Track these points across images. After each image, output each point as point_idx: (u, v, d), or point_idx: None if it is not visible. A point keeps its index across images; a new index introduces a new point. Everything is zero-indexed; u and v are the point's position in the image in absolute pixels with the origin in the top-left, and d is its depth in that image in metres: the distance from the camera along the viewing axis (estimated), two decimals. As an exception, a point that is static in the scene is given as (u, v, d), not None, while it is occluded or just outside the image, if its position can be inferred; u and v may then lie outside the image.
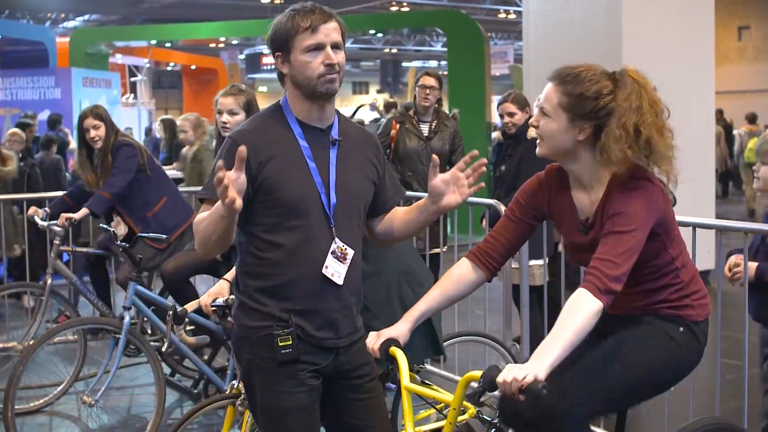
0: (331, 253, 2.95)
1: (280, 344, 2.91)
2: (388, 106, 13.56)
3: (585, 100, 2.91)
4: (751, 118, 18.74)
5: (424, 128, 7.09)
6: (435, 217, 3.15)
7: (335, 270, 2.96)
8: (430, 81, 7.03)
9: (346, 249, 2.98)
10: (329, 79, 2.91)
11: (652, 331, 3.04)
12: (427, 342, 4.13)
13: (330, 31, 2.91)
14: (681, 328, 3.04)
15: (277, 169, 2.90)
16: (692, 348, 3.08)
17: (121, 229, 5.87)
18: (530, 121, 3.05)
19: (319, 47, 2.89)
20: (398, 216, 3.20)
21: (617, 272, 2.75)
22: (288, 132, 2.97)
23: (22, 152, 9.47)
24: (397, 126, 7.06)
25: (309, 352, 2.95)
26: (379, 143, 3.25)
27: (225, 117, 4.93)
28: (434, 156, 3.01)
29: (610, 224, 2.83)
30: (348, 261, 2.98)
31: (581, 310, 2.71)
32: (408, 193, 6.42)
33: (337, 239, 2.96)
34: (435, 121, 7.11)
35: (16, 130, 9.89)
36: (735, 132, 19.47)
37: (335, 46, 2.93)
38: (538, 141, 3.04)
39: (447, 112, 7.56)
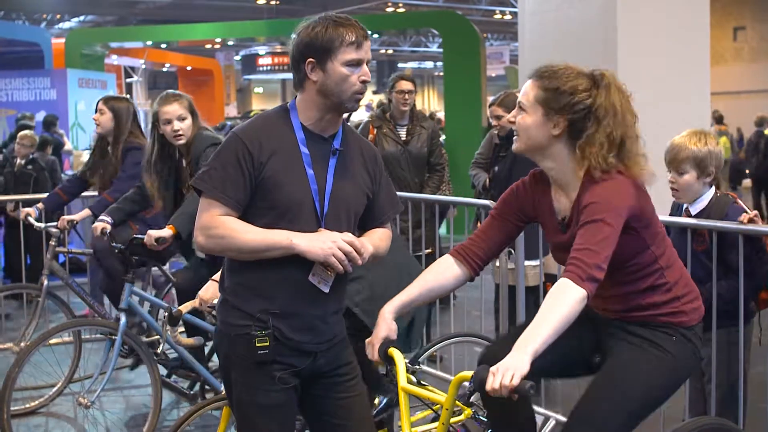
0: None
1: (257, 345, 2.94)
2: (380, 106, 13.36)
3: (560, 95, 2.94)
4: (719, 119, 19.11)
5: (402, 132, 7.06)
6: None
7: (322, 278, 2.98)
8: (408, 85, 7.00)
9: None
10: (359, 98, 2.97)
11: (647, 354, 3.04)
12: (402, 335, 4.12)
13: (368, 49, 2.97)
14: (674, 338, 3.04)
15: (275, 171, 2.92)
16: (688, 354, 3.09)
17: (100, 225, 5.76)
18: (508, 117, 3.09)
19: (359, 63, 2.93)
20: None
21: (597, 259, 2.75)
22: (291, 136, 2.98)
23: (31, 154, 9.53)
24: (374, 130, 7.02)
25: (286, 354, 2.97)
26: (379, 156, 3.26)
27: (176, 124, 4.96)
28: None
29: (584, 215, 2.85)
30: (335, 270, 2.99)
31: (565, 298, 2.70)
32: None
33: None
34: (411, 124, 7.08)
35: (28, 132, 9.86)
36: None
37: (367, 63, 2.99)
38: (515, 137, 3.07)
39: (424, 112, 7.51)
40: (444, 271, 3.20)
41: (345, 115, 3.12)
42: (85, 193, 6.75)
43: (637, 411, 3.04)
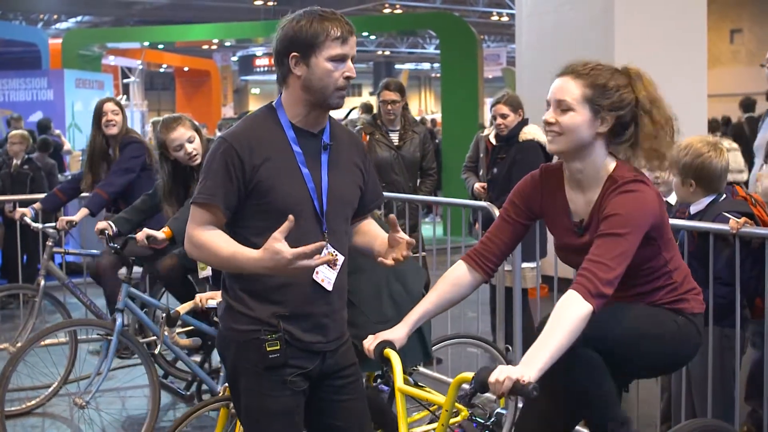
0: None
1: (268, 349, 2.89)
2: (365, 109, 13.06)
3: (608, 91, 2.93)
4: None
5: (394, 137, 7.07)
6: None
7: (326, 276, 2.95)
8: (392, 95, 6.97)
9: (336, 255, 2.97)
10: (342, 95, 2.92)
11: (655, 309, 3.04)
12: (417, 346, 4.12)
13: (353, 44, 2.92)
14: (679, 316, 3.05)
15: (270, 173, 2.88)
16: (690, 336, 3.07)
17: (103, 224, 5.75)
18: (547, 118, 3.01)
19: (343, 59, 2.88)
20: (363, 233, 3.16)
21: (610, 276, 2.74)
22: (281, 136, 2.94)
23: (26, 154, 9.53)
24: (367, 137, 7.02)
25: (296, 356, 2.94)
26: (365, 147, 3.25)
27: (189, 147, 4.99)
28: (391, 216, 2.95)
29: (606, 225, 2.83)
30: (338, 267, 2.98)
31: (571, 313, 2.70)
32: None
33: (329, 245, 2.94)
34: (403, 130, 7.08)
35: (19, 131, 9.83)
36: None
37: (353, 59, 2.94)
38: (552, 137, 3.00)
39: (415, 117, 7.50)
40: (458, 279, 3.18)
41: (341, 117, 3.11)
42: (83, 194, 6.73)
43: (642, 334, 2.99)
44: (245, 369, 2.95)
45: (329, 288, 2.96)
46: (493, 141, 6.65)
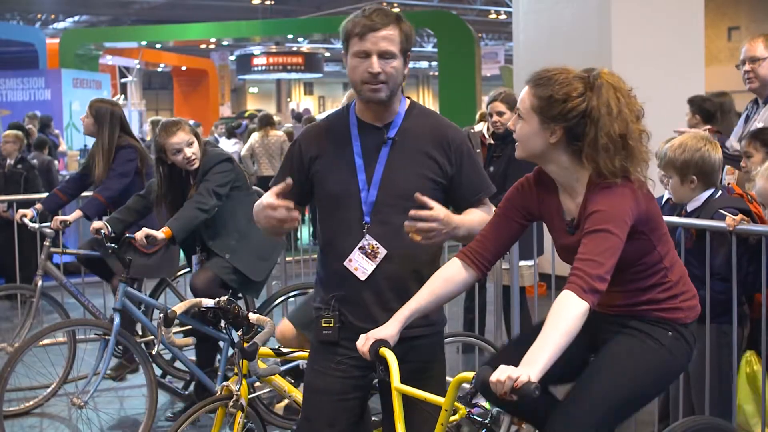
0: (359, 248, 3.02)
1: (323, 325, 3.09)
2: None
3: (554, 103, 2.89)
4: None
5: None
6: None
7: (360, 265, 3.03)
8: None
9: (378, 247, 3.03)
10: (372, 89, 2.98)
11: (642, 344, 3.03)
12: None
13: (378, 40, 2.94)
14: (670, 333, 3.04)
15: (324, 165, 3.07)
16: (682, 352, 3.08)
17: (99, 224, 5.72)
18: (508, 124, 3.08)
19: (366, 54, 2.95)
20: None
21: (600, 271, 2.73)
22: (346, 130, 3.10)
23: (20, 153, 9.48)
24: None
25: (349, 339, 3.03)
26: (458, 137, 3.19)
27: (188, 151, 5.00)
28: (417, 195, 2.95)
29: (589, 223, 2.83)
30: (378, 259, 3.03)
31: (568, 312, 2.69)
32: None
33: (368, 236, 3.02)
34: None
35: (12, 131, 9.80)
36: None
37: (384, 55, 2.95)
38: (516, 144, 3.05)
39: None
40: (453, 276, 3.13)
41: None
42: (84, 193, 6.72)
43: (625, 400, 3.03)
44: (312, 345, 3.21)
45: (362, 278, 3.05)
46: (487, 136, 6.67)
